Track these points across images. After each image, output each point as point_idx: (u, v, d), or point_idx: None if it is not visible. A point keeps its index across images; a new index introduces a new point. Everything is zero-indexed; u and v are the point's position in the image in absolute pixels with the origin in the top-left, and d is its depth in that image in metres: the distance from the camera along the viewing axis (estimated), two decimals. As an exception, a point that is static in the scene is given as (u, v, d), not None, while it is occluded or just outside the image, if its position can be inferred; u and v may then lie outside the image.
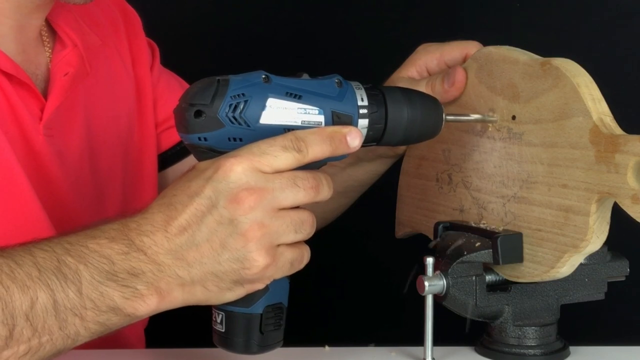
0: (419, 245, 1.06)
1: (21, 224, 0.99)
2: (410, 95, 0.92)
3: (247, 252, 0.82)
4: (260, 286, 0.85)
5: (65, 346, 0.83)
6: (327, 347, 1.00)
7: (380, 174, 1.22)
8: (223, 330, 0.87)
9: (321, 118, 0.86)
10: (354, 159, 1.18)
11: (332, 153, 0.85)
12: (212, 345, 0.98)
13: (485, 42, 1.06)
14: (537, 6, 1.64)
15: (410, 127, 0.91)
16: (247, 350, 0.87)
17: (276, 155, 0.82)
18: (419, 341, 0.97)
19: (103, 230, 0.84)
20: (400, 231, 1.17)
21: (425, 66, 1.12)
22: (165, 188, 1.24)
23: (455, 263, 0.96)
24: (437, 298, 0.96)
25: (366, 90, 0.89)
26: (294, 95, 0.85)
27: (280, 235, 0.83)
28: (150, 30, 1.27)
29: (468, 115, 1.00)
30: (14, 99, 1.01)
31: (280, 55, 1.65)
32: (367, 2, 1.70)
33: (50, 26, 1.10)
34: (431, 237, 1.04)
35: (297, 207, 0.84)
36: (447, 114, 0.95)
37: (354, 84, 0.89)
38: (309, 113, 0.85)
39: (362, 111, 0.88)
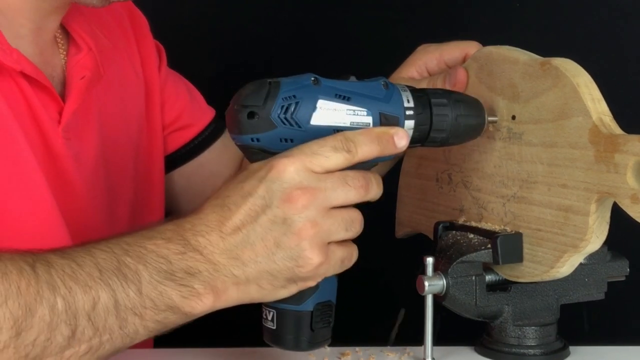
0: (419, 245, 1.06)
1: (37, 227, 0.99)
2: (454, 96, 0.94)
3: (301, 250, 0.84)
4: (312, 284, 0.87)
5: (123, 345, 0.85)
6: (327, 347, 1.00)
7: (382, 175, 1.22)
8: (274, 328, 0.89)
9: (369, 119, 0.88)
10: None
11: (380, 153, 0.87)
12: (219, 345, 0.99)
13: (485, 42, 1.06)
14: (537, 6, 1.64)
15: (454, 128, 0.93)
16: (297, 347, 0.89)
17: (327, 156, 0.84)
18: (419, 341, 0.97)
19: (159, 231, 0.86)
20: (400, 231, 1.17)
21: (425, 66, 1.13)
22: (169, 189, 1.25)
23: (455, 263, 0.96)
24: (437, 298, 0.96)
25: (411, 92, 0.91)
26: (343, 97, 0.87)
27: (332, 233, 0.85)
28: (151, 32, 1.27)
29: (495, 116, 1.00)
30: (33, 102, 1.01)
31: (281, 55, 1.65)
32: (367, 2, 1.70)
33: (63, 29, 1.10)
34: (431, 237, 1.04)
35: (346, 206, 0.86)
36: (489, 116, 0.97)
37: (399, 86, 0.91)
38: (357, 114, 0.87)
39: (408, 112, 0.90)
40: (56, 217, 1.00)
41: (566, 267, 0.93)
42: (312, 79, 0.86)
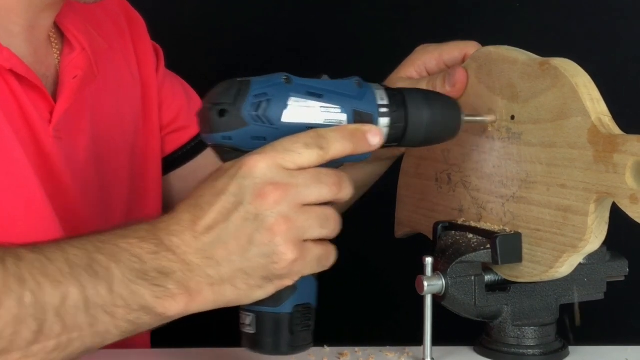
0: (418, 246, 1.06)
1: (31, 226, 0.99)
2: (429, 95, 0.93)
3: (275, 246, 0.83)
4: (288, 282, 0.85)
5: (94, 344, 0.84)
6: (326, 347, 1.00)
7: (380, 175, 1.22)
8: (253, 332, 0.87)
9: (343, 117, 0.87)
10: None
11: (353, 151, 0.86)
12: (218, 345, 0.98)
13: (485, 42, 1.06)
14: (537, 6, 1.64)
15: (431, 126, 0.92)
16: (277, 350, 0.87)
17: (300, 153, 0.83)
18: (418, 341, 0.97)
19: (134, 230, 0.85)
20: (400, 231, 1.17)
21: (424, 66, 1.13)
22: (166, 191, 1.25)
23: (454, 263, 0.96)
24: (436, 298, 0.96)
25: (386, 90, 0.90)
26: (316, 95, 0.86)
27: (306, 230, 0.84)
28: (150, 33, 1.27)
29: (482, 116, 1.00)
30: (24, 101, 1.01)
31: (280, 55, 1.65)
32: (367, 2, 1.70)
33: (57, 28, 1.10)
34: (430, 237, 1.04)
35: (321, 204, 0.85)
36: (466, 115, 0.96)
37: (374, 85, 0.90)
38: (331, 112, 0.87)
39: (382, 110, 0.89)
40: (50, 216, 1.00)
41: (565, 267, 0.93)
42: (284, 77, 0.86)
